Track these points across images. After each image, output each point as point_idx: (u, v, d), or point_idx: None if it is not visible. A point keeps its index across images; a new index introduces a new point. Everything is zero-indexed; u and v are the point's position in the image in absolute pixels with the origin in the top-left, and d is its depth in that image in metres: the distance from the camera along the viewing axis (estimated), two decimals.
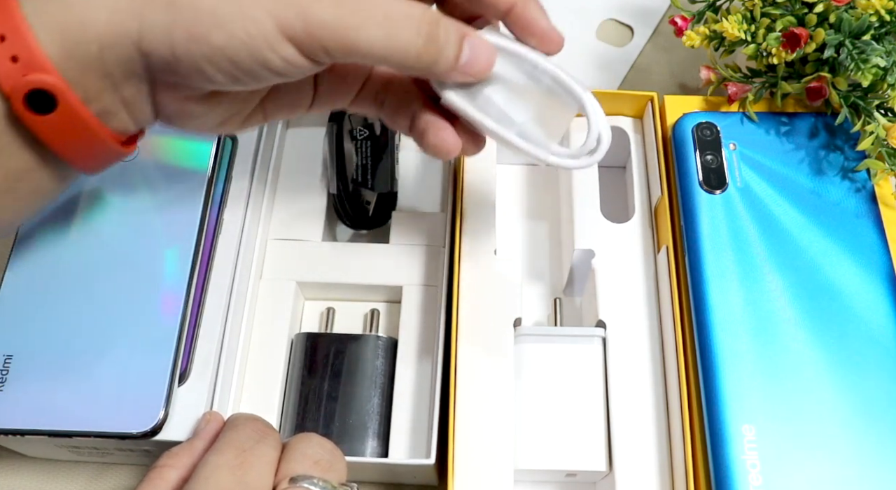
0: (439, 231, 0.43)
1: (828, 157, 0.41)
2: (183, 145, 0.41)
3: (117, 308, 0.37)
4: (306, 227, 0.44)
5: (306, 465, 0.31)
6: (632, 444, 0.36)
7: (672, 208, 0.41)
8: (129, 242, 0.38)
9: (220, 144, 0.41)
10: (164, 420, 0.34)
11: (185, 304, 0.37)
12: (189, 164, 0.40)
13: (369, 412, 0.39)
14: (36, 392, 0.35)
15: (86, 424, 0.34)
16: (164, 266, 0.38)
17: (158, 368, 0.35)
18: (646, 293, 0.40)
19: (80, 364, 0.35)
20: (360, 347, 0.41)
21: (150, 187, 0.40)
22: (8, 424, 0.34)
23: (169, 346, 0.36)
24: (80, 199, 0.39)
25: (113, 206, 0.39)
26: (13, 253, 0.38)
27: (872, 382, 0.36)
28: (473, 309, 0.39)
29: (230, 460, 0.30)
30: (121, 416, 0.34)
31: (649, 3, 0.56)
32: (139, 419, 0.34)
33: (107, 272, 0.38)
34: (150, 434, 0.34)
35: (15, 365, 0.35)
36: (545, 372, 0.39)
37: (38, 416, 0.34)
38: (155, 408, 0.34)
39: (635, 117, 0.45)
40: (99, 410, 0.34)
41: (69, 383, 0.35)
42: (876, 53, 0.38)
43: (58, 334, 0.36)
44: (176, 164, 0.40)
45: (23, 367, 0.35)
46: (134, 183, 0.40)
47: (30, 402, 0.34)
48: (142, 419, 0.34)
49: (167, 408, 0.35)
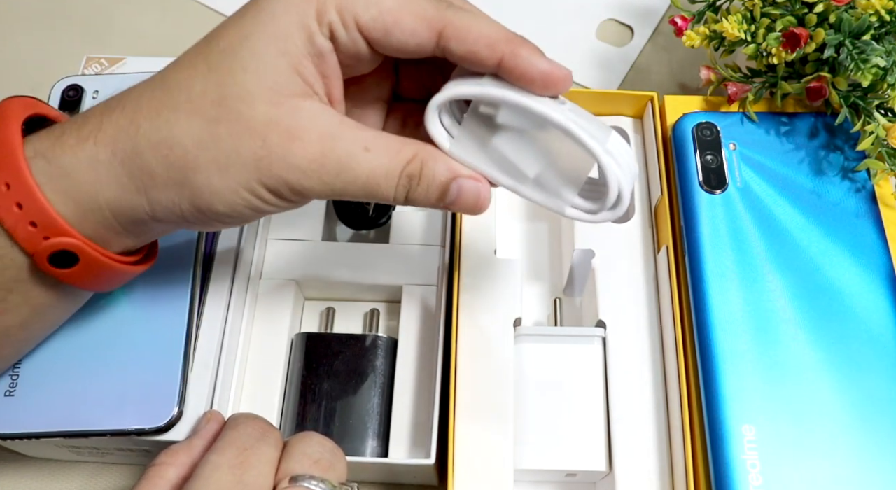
0: (439, 231, 0.43)
1: (828, 157, 0.41)
2: None
3: (123, 306, 0.37)
4: (306, 226, 0.44)
5: (307, 465, 0.31)
6: (632, 444, 0.36)
7: (672, 208, 0.41)
8: None
9: None
10: (178, 415, 0.35)
11: (191, 301, 0.37)
12: None
13: (369, 412, 0.39)
14: (47, 395, 0.35)
15: (101, 423, 0.34)
16: (167, 264, 0.38)
17: (170, 364, 0.36)
18: (646, 293, 0.40)
19: (89, 364, 0.35)
20: (360, 347, 0.41)
21: None
22: (23, 428, 0.34)
23: (178, 342, 0.36)
24: None
25: None
26: None
27: (872, 382, 0.36)
28: (473, 309, 0.39)
29: (230, 459, 0.30)
30: (135, 413, 0.34)
31: (649, 3, 0.56)
32: (153, 415, 0.34)
33: None
34: (165, 429, 0.34)
35: (24, 370, 0.35)
36: (545, 372, 0.38)
37: (52, 419, 0.34)
38: (169, 403, 0.35)
39: (635, 117, 0.45)
40: (112, 409, 0.35)
41: (80, 384, 0.35)
42: (876, 53, 0.38)
43: (64, 336, 0.36)
44: None
45: (32, 371, 0.35)
46: None
47: (42, 405, 0.35)
48: (156, 415, 0.34)
49: (181, 404, 0.35)
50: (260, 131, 0.27)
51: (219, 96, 0.27)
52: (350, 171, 0.28)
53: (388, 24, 0.28)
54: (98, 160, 0.28)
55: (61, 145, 0.28)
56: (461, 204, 0.29)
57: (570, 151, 0.28)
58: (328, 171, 0.28)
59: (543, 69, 0.27)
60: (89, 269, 0.29)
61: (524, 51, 0.27)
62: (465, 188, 0.29)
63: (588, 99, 0.44)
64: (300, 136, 0.27)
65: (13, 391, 0.35)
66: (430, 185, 0.29)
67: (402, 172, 0.28)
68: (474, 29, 0.27)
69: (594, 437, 0.37)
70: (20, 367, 0.35)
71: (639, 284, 0.40)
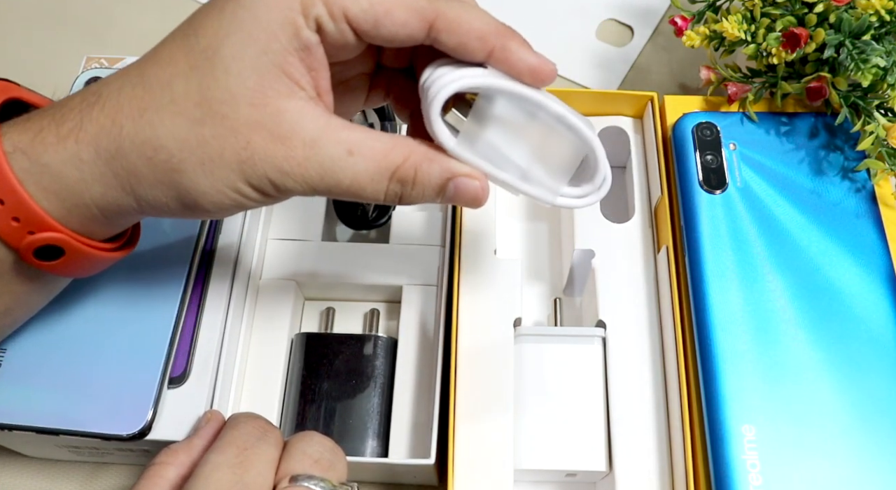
0: (439, 231, 0.43)
1: (828, 157, 0.41)
2: None
3: (112, 308, 0.37)
4: (306, 227, 0.44)
5: (307, 464, 0.31)
6: (632, 444, 0.36)
7: (672, 208, 0.41)
8: None
9: None
10: (151, 423, 0.34)
11: (180, 307, 0.37)
12: None
13: (369, 412, 0.39)
14: (26, 388, 0.35)
15: (74, 423, 0.34)
16: (161, 267, 0.38)
17: (149, 371, 0.35)
18: (646, 293, 0.40)
19: (71, 363, 0.35)
20: (359, 347, 0.41)
21: None
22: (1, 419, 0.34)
23: (161, 348, 0.36)
24: None
25: None
26: None
27: (872, 382, 0.36)
28: (473, 309, 0.39)
29: (230, 459, 0.30)
30: (109, 417, 0.34)
31: (649, 3, 0.56)
32: (127, 421, 0.34)
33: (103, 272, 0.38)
34: (138, 436, 0.34)
35: (7, 359, 0.35)
36: (545, 372, 0.38)
37: (27, 413, 0.34)
38: (143, 411, 0.34)
39: (635, 117, 0.45)
40: (88, 410, 0.34)
41: (60, 381, 0.35)
42: (876, 53, 0.38)
43: (51, 332, 0.36)
44: None
45: (15, 362, 0.35)
46: None
47: (20, 397, 0.35)
48: (129, 421, 0.34)
49: (155, 410, 0.35)
50: (244, 133, 0.27)
51: (202, 98, 0.27)
52: (333, 175, 0.28)
53: (379, 16, 0.27)
54: (81, 160, 0.27)
55: (41, 142, 0.28)
56: (459, 201, 0.29)
57: (561, 143, 0.29)
58: (311, 175, 0.28)
59: (532, 63, 0.28)
60: (75, 260, 0.30)
61: (514, 44, 0.28)
62: (461, 186, 0.29)
63: (588, 99, 0.44)
64: (283, 139, 0.27)
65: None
66: (426, 189, 0.29)
67: (393, 177, 0.28)
68: (465, 21, 0.27)
69: (594, 437, 0.37)
70: (3, 356, 0.35)
71: (639, 284, 0.40)
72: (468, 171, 0.29)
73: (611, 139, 0.45)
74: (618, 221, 0.42)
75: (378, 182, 0.28)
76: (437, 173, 0.28)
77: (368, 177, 0.28)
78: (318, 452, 0.32)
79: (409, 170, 0.28)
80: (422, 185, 0.28)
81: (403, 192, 0.29)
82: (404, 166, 0.28)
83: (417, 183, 0.28)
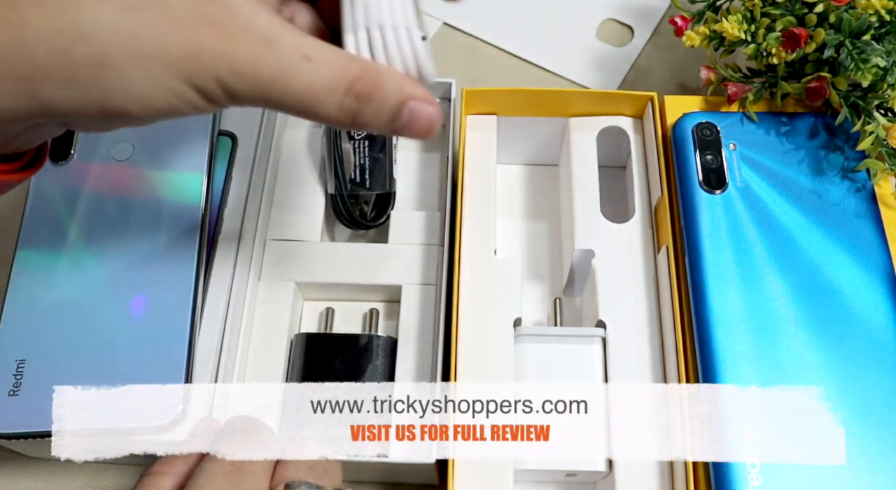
0: (438, 230, 0.43)
1: (828, 157, 0.41)
2: (181, 149, 0.41)
3: (126, 307, 0.37)
4: (305, 227, 0.44)
5: (301, 470, 0.31)
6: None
7: (672, 208, 0.41)
8: (133, 245, 0.38)
9: (218, 145, 0.41)
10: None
11: (194, 300, 0.37)
12: (187, 167, 0.40)
13: None
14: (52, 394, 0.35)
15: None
16: (168, 266, 0.38)
17: (174, 363, 0.36)
18: (646, 293, 0.40)
19: (93, 363, 0.36)
20: (359, 347, 0.41)
21: (150, 190, 0.40)
22: (29, 427, 0.34)
23: (182, 341, 0.36)
24: (81, 203, 0.40)
25: (116, 208, 0.40)
26: (16, 258, 0.38)
27: (872, 382, 0.36)
28: (473, 309, 0.39)
29: (225, 467, 0.30)
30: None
31: (649, 3, 0.56)
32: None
33: (112, 273, 0.38)
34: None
35: (28, 369, 0.35)
36: (545, 372, 0.38)
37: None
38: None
39: (635, 117, 0.45)
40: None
41: (84, 382, 0.35)
42: (876, 53, 0.38)
43: (68, 335, 0.36)
44: (174, 168, 0.41)
45: (37, 370, 0.35)
46: (134, 186, 0.40)
47: (47, 404, 0.34)
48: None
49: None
50: (191, 27, 0.24)
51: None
52: (287, 80, 0.25)
53: None
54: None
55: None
56: (411, 129, 0.27)
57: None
58: (264, 77, 0.25)
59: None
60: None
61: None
62: (416, 110, 0.27)
63: (588, 99, 0.44)
64: (236, 36, 0.25)
65: (17, 391, 0.35)
66: (382, 106, 0.27)
67: (350, 90, 0.26)
68: None
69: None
70: (25, 366, 0.35)
71: (639, 284, 0.40)
72: (425, 95, 0.27)
73: (611, 139, 0.45)
74: (618, 221, 0.42)
75: (333, 94, 0.26)
76: (393, 91, 0.26)
77: (324, 86, 0.26)
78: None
79: (367, 84, 0.26)
80: (379, 101, 0.26)
81: (359, 108, 0.26)
82: (363, 79, 0.26)
83: (374, 99, 0.26)
